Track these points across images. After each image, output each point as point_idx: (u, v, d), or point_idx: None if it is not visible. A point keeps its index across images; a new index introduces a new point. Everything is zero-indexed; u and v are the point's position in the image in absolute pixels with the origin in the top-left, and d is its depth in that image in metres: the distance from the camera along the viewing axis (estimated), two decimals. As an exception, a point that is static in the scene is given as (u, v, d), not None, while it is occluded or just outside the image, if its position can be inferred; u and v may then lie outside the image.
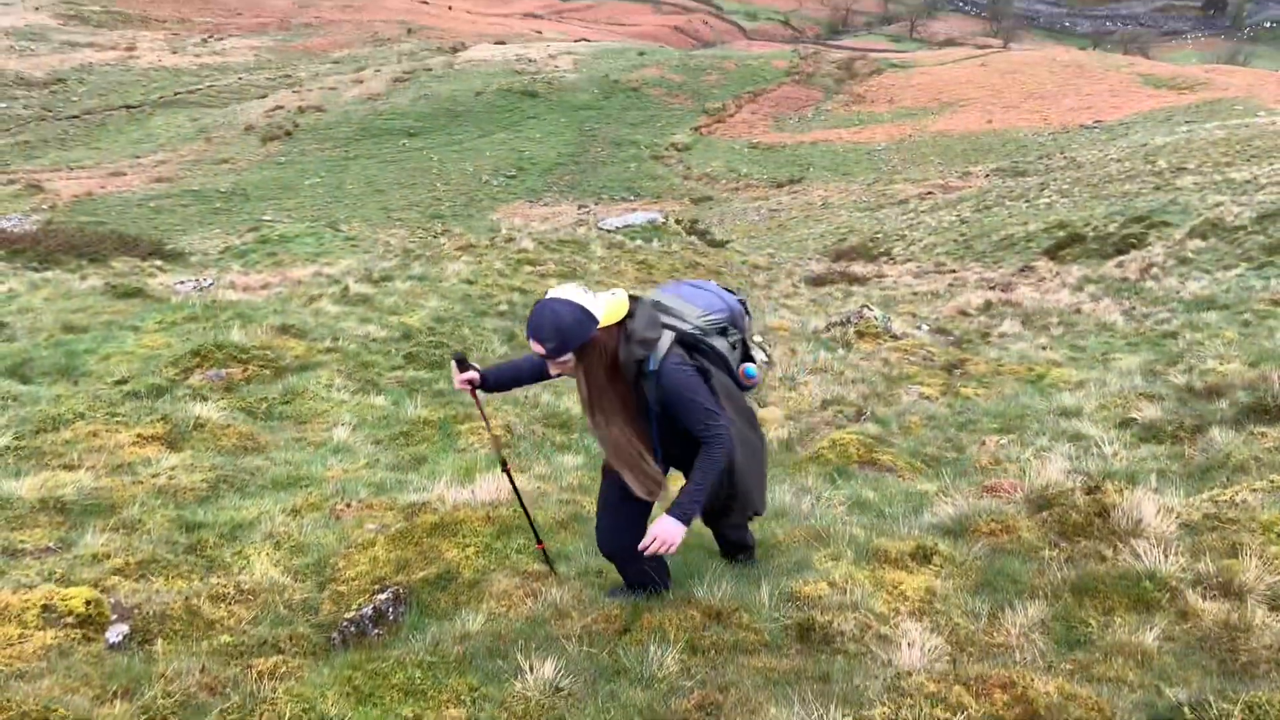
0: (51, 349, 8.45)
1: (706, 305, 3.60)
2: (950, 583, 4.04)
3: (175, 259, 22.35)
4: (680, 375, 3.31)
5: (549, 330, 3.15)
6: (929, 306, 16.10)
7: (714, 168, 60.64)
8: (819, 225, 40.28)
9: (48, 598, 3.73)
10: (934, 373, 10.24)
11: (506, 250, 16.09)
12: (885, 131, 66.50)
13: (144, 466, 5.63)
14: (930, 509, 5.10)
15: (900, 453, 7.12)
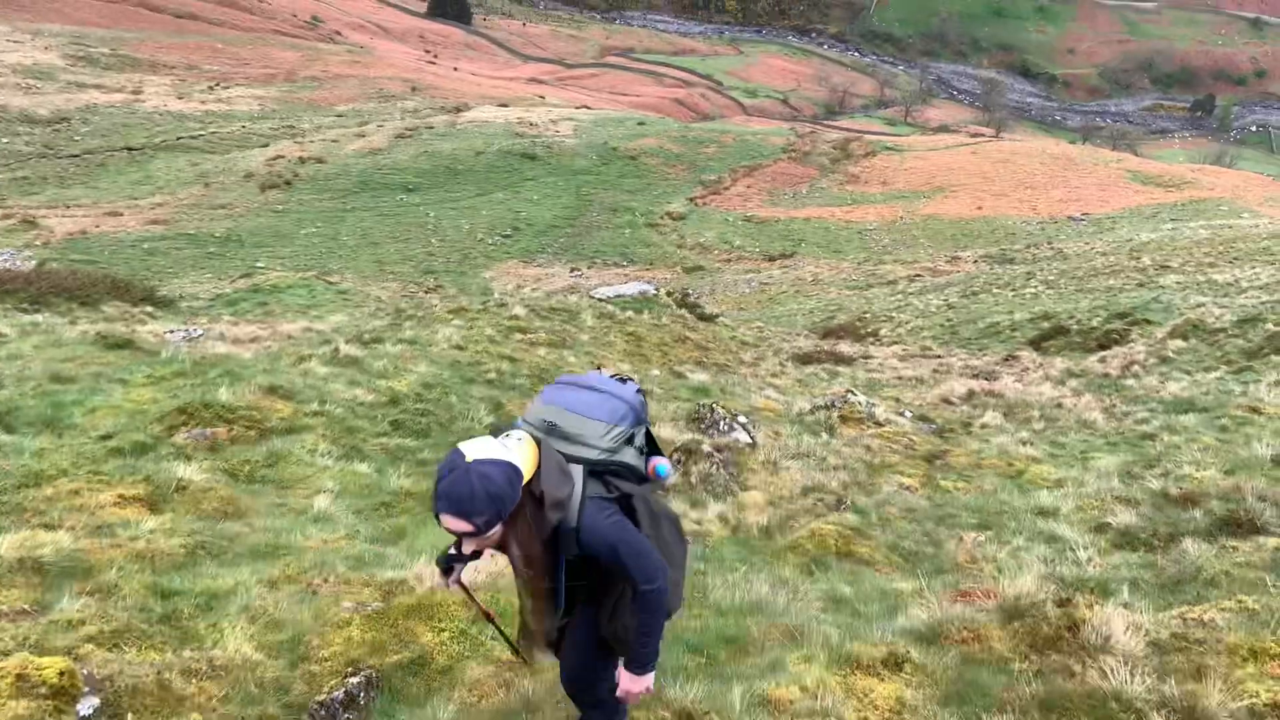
0: (38, 399, 8.45)
1: (609, 415, 3.08)
2: (921, 692, 4.08)
3: (166, 305, 22.40)
4: (604, 526, 2.91)
5: (482, 500, 2.63)
6: (913, 392, 16.24)
7: (708, 238, 61.41)
8: (809, 301, 40.71)
9: (22, 666, 3.72)
10: (915, 462, 10.32)
11: (498, 316, 16.21)
12: (878, 212, 67.65)
13: (123, 529, 5.63)
14: (905, 611, 5.14)
15: (879, 545, 7.17)
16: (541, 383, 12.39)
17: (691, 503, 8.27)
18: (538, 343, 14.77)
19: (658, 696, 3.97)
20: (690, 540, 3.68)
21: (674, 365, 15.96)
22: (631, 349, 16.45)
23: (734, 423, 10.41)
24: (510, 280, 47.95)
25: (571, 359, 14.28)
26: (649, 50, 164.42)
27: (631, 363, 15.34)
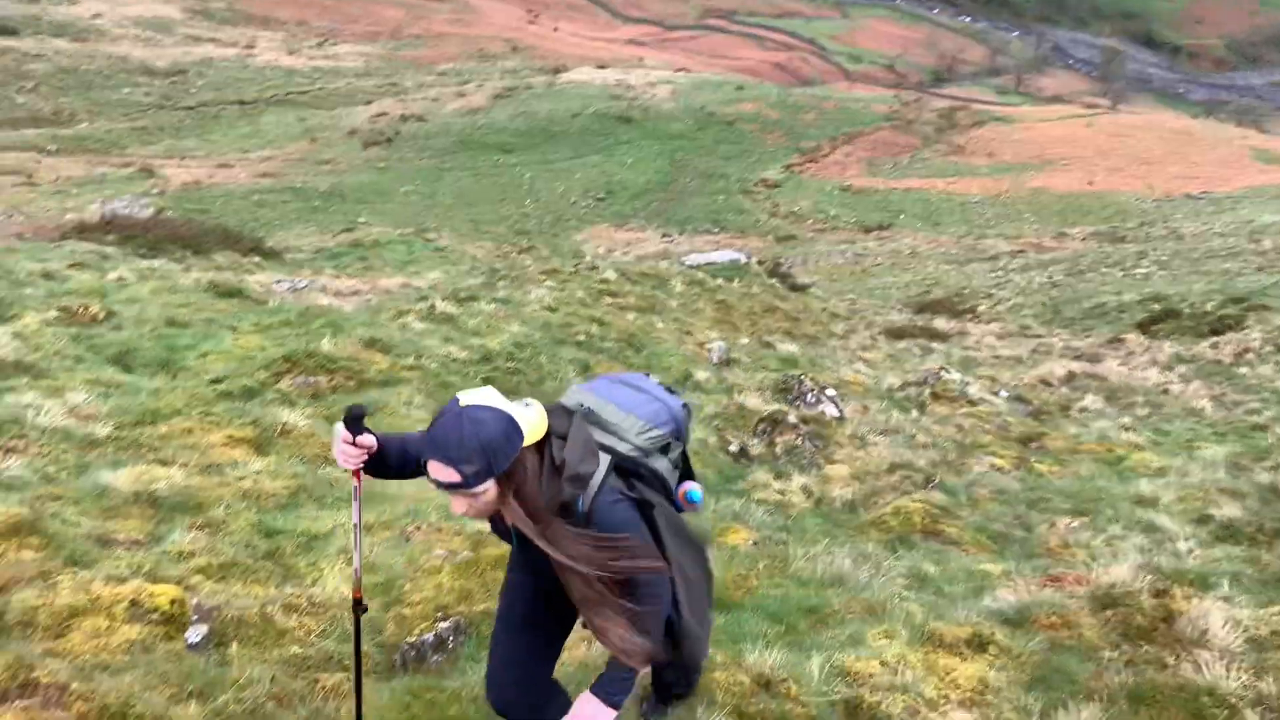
0: (155, 341, 8.88)
1: (650, 417, 2.85)
2: (1004, 674, 4.03)
3: (273, 257, 23.17)
4: (619, 520, 2.61)
5: (470, 447, 2.32)
6: (1010, 372, 15.84)
7: (802, 207, 60.53)
8: (904, 274, 39.87)
9: (136, 593, 3.96)
10: (1008, 444, 10.09)
11: (589, 279, 16.34)
12: (981, 184, 65.60)
13: (231, 468, 5.91)
14: (991, 593, 5.07)
15: (966, 526, 7.05)
16: (630, 348, 12.47)
17: (775, 473, 8.25)
18: (627, 307, 14.85)
19: (735, 661, 4.01)
20: (711, 604, 3.23)
21: (763, 335, 15.88)
22: (720, 317, 16.41)
23: (822, 395, 10.33)
24: (602, 243, 48.22)
25: (660, 325, 14.33)
26: (751, 12, 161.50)
27: (720, 330, 15.31)
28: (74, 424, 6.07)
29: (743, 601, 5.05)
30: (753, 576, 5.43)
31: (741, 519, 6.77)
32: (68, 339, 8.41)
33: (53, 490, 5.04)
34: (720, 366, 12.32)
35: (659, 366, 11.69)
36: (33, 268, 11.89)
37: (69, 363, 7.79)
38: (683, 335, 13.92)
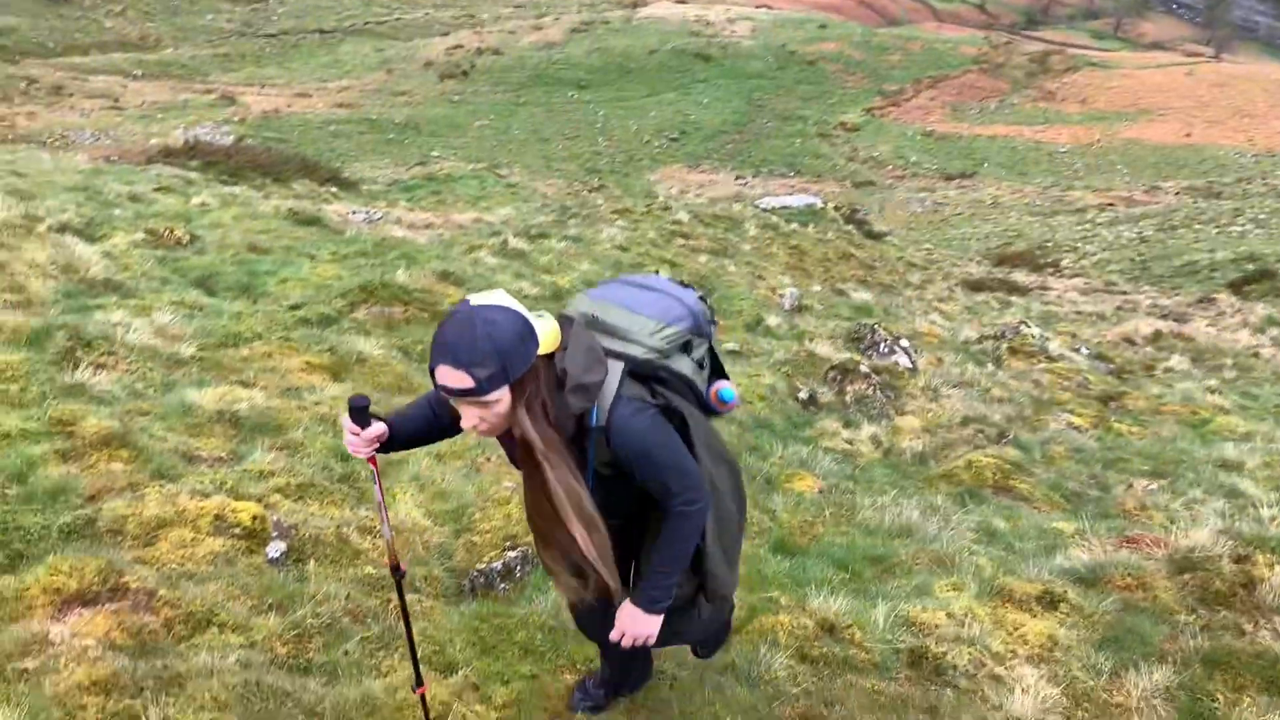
0: (236, 266, 9.08)
1: (661, 313, 2.56)
2: (1075, 633, 3.96)
3: (349, 187, 23.46)
4: (638, 428, 2.39)
5: (484, 350, 2.14)
6: (1092, 329, 15.38)
7: (882, 152, 59.06)
8: (985, 225, 38.82)
9: (220, 508, 4.09)
10: (1087, 402, 9.84)
11: (662, 219, 16.22)
12: (1071, 133, 63.13)
13: (309, 393, 6.04)
14: (1064, 551, 4.98)
15: (1039, 483, 6.92)
16: (702, 289, 12.39)
17: (844, 422, 8.18)
18: (699, 249, 14.73)
19: (800, 604, 4.01)
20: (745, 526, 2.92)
21: (836, 282, 15.64)
22: (793, 262, 16.19)
23: (895, 345, 10.16)
24: (674, 184, 47.75)
25: (732, 268, 14.19)
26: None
27: (792, 276, 15.11)
28: (160, 343, 6.25)
29: (808, 547, 5.04)
30: (819, 523, 5.42)
31: (808, 466, 6.74)
32: (154, 260, 8.64)
33: (140, 406, 5.21)
34: (792, 313, 12.19)
35: (730, 310, 11.61)
36: (121, 190, 12.22)
37: (155, 284, 8.01)
38: (755, 280, 13.77)
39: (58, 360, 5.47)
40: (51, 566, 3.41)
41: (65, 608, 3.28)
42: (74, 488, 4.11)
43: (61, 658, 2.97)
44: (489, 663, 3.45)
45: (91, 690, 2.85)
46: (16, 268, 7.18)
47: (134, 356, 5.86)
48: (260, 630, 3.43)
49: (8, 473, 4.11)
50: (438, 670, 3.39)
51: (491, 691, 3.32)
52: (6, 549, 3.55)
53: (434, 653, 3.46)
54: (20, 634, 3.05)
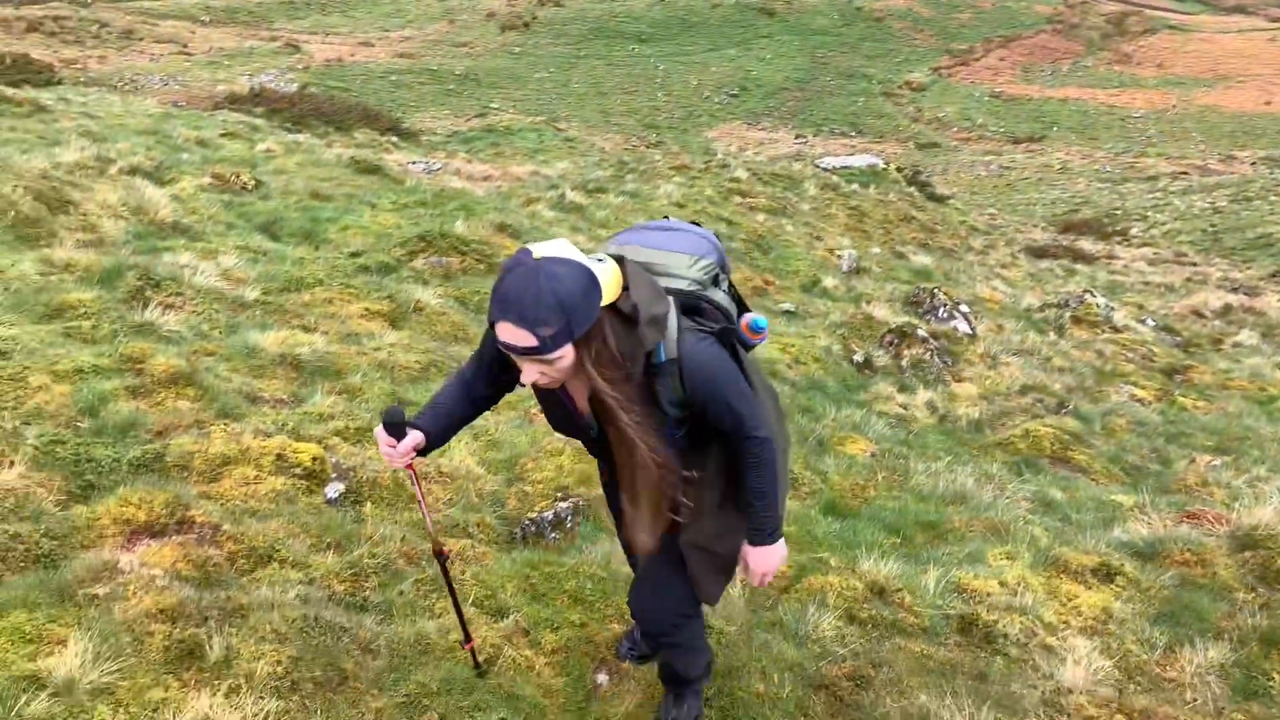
0: (299, 212, 9.21)
1: (694, 249, 2.53)
2: (1130, 606, 3.91)
3: (409, 137, 23.60)
4: (709, 356, 2.35)
5: (548, 306, 2.03)
6: (1159, 300, 14.98)
7: (947, 113, 57.70)
8: (1051, 191, 37.84)
9: (282, 448, 4.19)
10: (1151, 374, 9.61)
11: (719, 177, 16.05)
12: (1146, 98, 61.05)
13: (368, 339, 6.13)
14: (1122, 524, 4.89)
15: (1098, 455, 6.80)
16: (757, 249, 12.28)
17: (900, 386, 8.09)
18: (757, 208, 14.57)
19: (849, 566, 4.01)
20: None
21: (896, 245, 15.39)
22: (853, 224, 15.95)
23: (954, 310, 10.00)
24: (733, 142, 47.20)
25: (789, 228, 14.03)
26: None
27: (851, 238, 14.90)
28: (225, 286, 6.38)
29: (859, 510, 5.02)
30: (870, 487, 5.39)
31: (861, 430, 6.69)
32: (220, 205, 8.79)
33: (206, 346, 5.34)
34: (849, 275, 12.03)
35: (786, 271, 11.50)
36: (189, 134, 12.42)
37: (221, 228, 8.16)
38: (813, 240, 13.61)
39: (128, 299, 5.62)
40: (122, 498, 3.52)
41: (134, 538, 3.40)
42: (143, 423, 4.23)
43: (130, 585, 3.08)
44: (539, 609, 3.50)
45: (159, 617, 2.95)
46: (89, 208, 7.35)
47: (200, 298, 5.99)
48: (319, 568, 3.52)
49: (80, 406, 4.24)
50: (489, 614, 3.45)
51: (540, 637, 3.37)
52: (79, 479, 3.68)
53: (485, 597, 3.52)
54: (92, 561, 3.16)
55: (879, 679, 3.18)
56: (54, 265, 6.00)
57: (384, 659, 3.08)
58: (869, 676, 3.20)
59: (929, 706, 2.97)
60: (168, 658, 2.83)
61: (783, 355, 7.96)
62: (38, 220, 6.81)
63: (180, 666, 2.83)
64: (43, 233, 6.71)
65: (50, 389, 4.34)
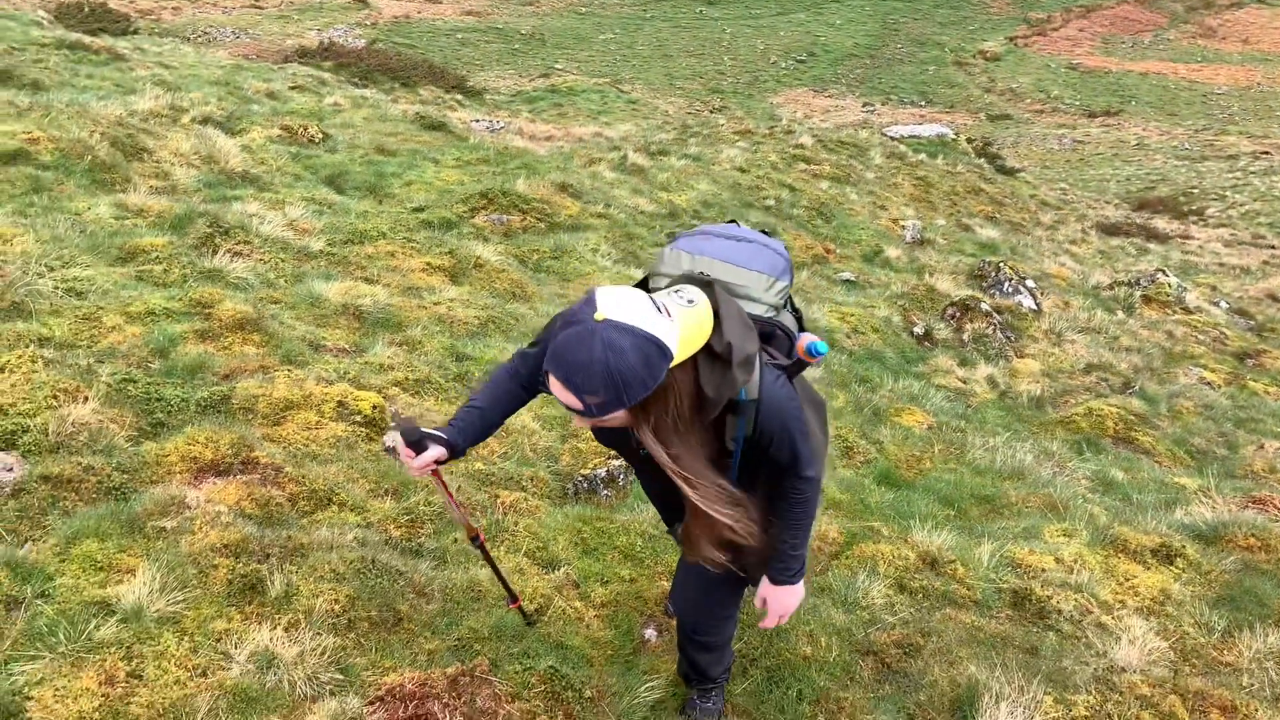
0: (364, 166, 9.31)
1: (771, 268, 2.42)
2: (1190, 589, 3.83)
3: (473, 96, 23.65)
4: (784, 397, 2.26)
5: (598, 377, 1.90)
6: (1235, 282, 14.50)
7: (1021, 84, 56.10)
8: (1126, 167, 36.70)
9: (343, 395, 4.27)
10: (1223, 358, 9.33)
11: (784, 143, 15.84)
12: (1230, 74, 58.71)
13: (429, 293, 6.20)
14: (1184, 506, 4.79)
15: (1163, 437, 6.64)
16: (819, 217, 12.12)
17: (960, 360, 7.97)
18: (821, 175, 14.36)
19: (903, 537, 3.98)
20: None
21: (962, 217, 15.08)
22: (918, 194, 15.64)
23: (1020, 285, 9.79)
24: (798, 109, 46.47)
25: (853, 196, 13.82)
26: None
27: (916, 208, 14.63)
28: (292, 236, 6.48)
29: (914, 481, 4.98)
30: (926, 458, 5.33)
31: (918, 402, 6.61)
32: (288, 156, 8.92)
33: (273, 294, 5.44)
34: (913, 245, 11.83)
35: (848, 239, 11.35)
36: (259, 86, 12.59)
37: (289, 179, 8.28)
38: (876, 210, 13.39)
39: (198, 245, 5.74)
40: (190, 436, 3.63)
41: (201, 475, 3.50)
42: (211, 366, 4.33)
43: (196, 520, 3.18)
44: (589, 563, 3.54)
45: (223, 552, 3.05)
46: (163, 155, 7.51)
47: (267, 247, 6.10)
48: (376, 512, 3.59)
49: (151, 347, 4.36)
50: (540, 565, 3.50)
51: (590, 590, 3.41)
52: (149, 417, 3.79)
53: (537, 549, 3.57)
54: (160, 496, 3.27)
55: (928, 648, 3.17)
56: (128, 210, 6.15)
57: (437, 603, 3.15)
58: (918, 645, 3.19)
59: (978, 677, 2.95)
60: (230, 591, 2.93)
61: (841, 324, 7.88)
62: (114, 166, 6.98)
63: (242, 600, 2.92)
64: (118, 178, 6.87)
65: (123, 329, 4.47)
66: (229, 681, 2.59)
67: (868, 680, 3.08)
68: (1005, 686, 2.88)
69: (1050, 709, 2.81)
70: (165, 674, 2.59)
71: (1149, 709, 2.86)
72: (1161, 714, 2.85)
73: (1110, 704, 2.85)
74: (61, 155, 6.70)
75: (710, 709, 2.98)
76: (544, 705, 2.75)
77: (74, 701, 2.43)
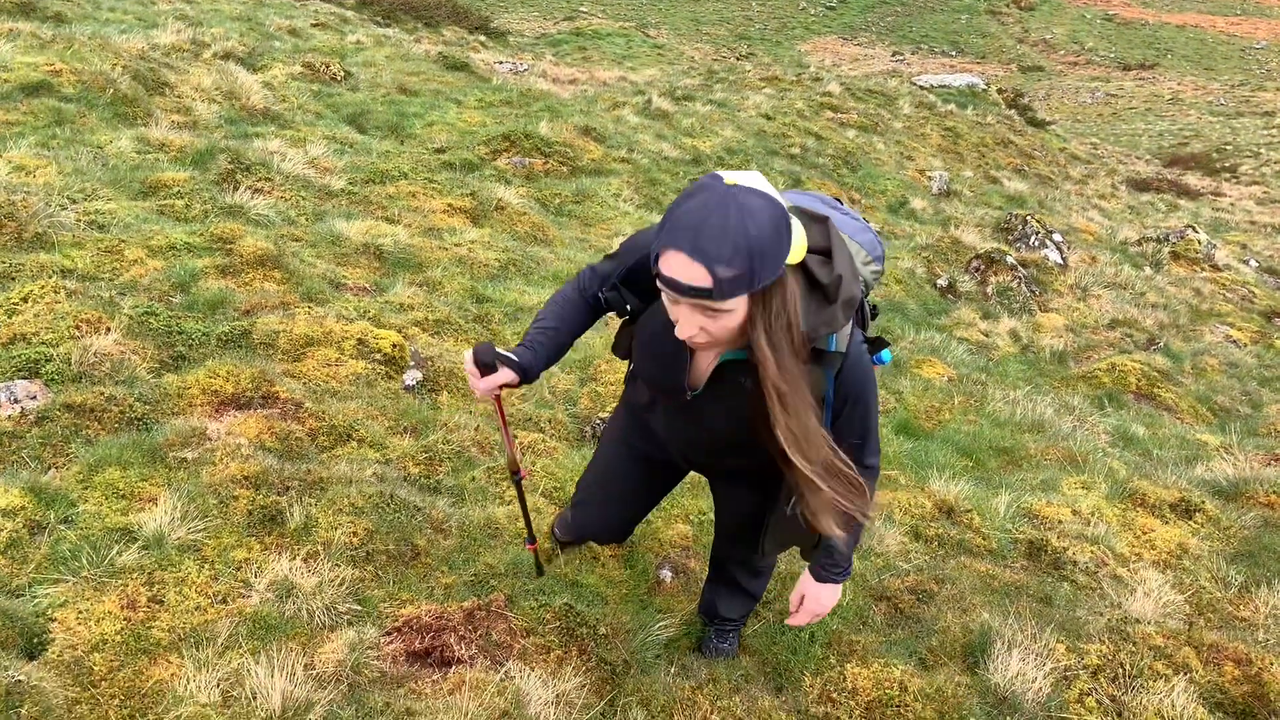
0: (386, 106, 9.23)
1: (870, 246, 2.20)
2: (1207, 544, 3.81)
3: (497, 37, 23.34)
4: (868, 365, 2.06)
5: (735, 243, 1.66)
6: (1265, 240, 14.25)
7: (1056, 35, 54.85)
8: (1160, 122, 35.97)
9: (363, 333, 4.27)
10: (1250, 316, 9.20)
11: (811, 90, 15.58)
12: (1270, 28, 57.13)
13: (449, 234, 6.17)
14: (1205, 462, 4.75)
15: (1185, 394, 6.57)
16: (845, 166, 11.96)
17: (983, 313, 7.89)
18: (848, 124, 14.15)
19: (920, 485, 3.97)
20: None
21: (990, 169, 14.84)
22: (946, 145, 15.40)
23: (1047, 239, 9.66)
24: (826, 57, 45.66)
25: (880, 145, 13.62)
26: None
27: (944, 159, 14.41)
28: (313, 174, 6.45)
29: (932, 432, 4.96)
30: (946, 410, 5.30)
31: (939, 354, 6.57)
32: (310, 94, 8.85)
33: (293, 232, 5.43)
34: (939, 197, 11.67)
35: (873, 190, 11.21)
36: (281, 23, 12.46)
37: (310, 117, 8.22)
38: (903, 160, 13.20)
39: (219, 181, 5.73)
40: (211, 370, 3.65)
41: (222, 408, 3.52)
42: (231, 301, 4.34)
43: (217, 452, 3.21)
44: (607, 501, 3.55)
45: (243, 484, 3.08)
46: (184, 90, 7.47)
47: (288, 184, 6.08)
48: (395, 449, 3.61)
49: (173, 281, 4.37)
50: (556, 505, 3.52)
51: (606, 530, 3.42)
52: (171, 350, 3.81)
53: (554, 489, 3.58)
54: (181, 427, 3.30)
55: (941, 594, 3.17)
56: (150, 144, 6.13)
57: (455, 539, 3.17)
58: (931, 591, 3.19)
59: (990, 624, 2.96)
60: (250, 521, 2.96)
61: (863, 274, 7.81)
62: (135, 100, 6.94)
63: (262, 530, 2.95)
64: (139, 112, 6.84)
65: (145, 263, 4.48)
66: (248, 609, 2.62)
67: (880, 625, 3.09)
68: (1018, 634, 2.88)
69: (1062, 656, 2.81)
70: (186, 600, 2.63)
71: (1162, 659, 2.86)
72: (1175, 664, 2.85)
73: (1123, 654, 2.85)
74: (84, 88, 6.67)
75: (726, 649, 3.01)
76: (558, 640, 2.78)
77: (96, 624, 2.47)
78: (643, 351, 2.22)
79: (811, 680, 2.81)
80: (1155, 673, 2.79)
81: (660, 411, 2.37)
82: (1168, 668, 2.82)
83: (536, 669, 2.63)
